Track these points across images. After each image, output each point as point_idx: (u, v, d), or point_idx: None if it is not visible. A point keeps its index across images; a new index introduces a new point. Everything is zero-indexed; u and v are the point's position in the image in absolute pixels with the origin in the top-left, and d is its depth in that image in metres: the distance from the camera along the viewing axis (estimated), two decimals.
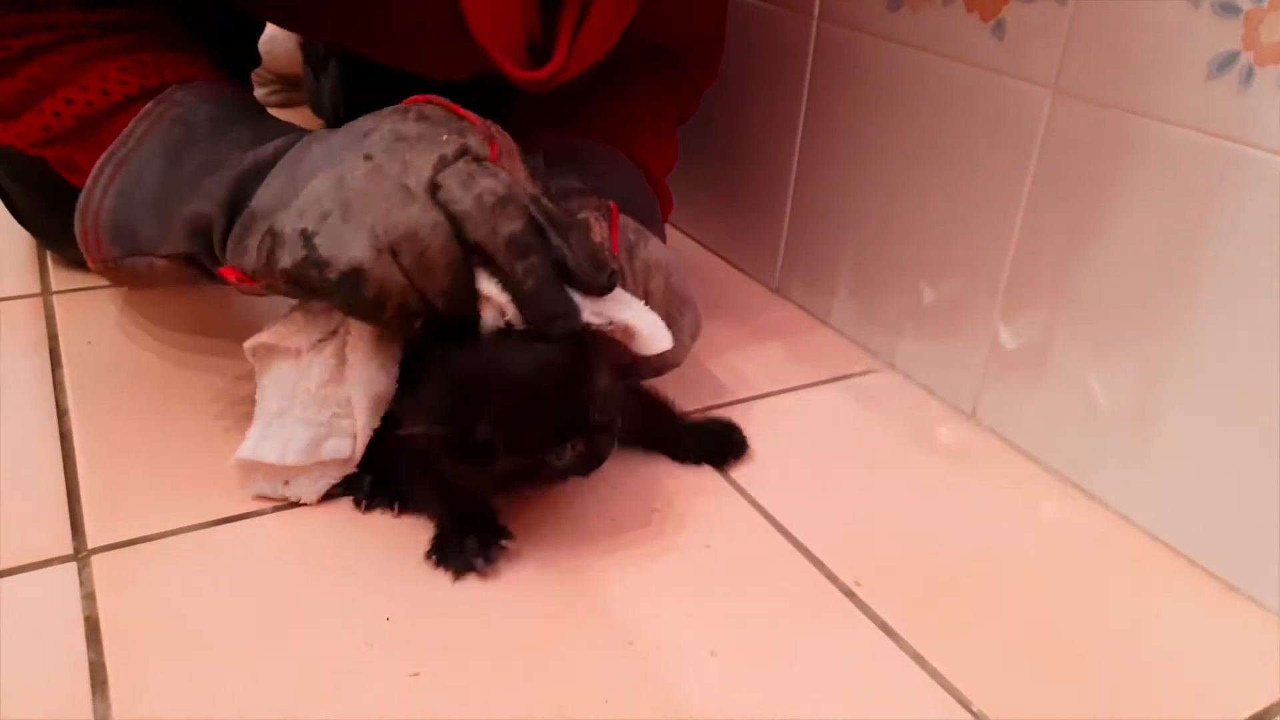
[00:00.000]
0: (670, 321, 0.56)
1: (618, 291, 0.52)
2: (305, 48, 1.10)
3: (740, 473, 0.62)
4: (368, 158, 0.49)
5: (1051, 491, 0.64)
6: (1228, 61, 0.51)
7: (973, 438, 0.68)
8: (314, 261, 0.47)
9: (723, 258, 0.93)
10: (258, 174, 0.52)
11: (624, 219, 0.59)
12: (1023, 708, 0.48)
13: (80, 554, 0.51)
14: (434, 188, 0.47)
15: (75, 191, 0.57)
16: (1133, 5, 0.55)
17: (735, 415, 0.67)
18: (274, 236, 0.49)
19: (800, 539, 0.57)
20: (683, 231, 0.98)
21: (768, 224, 0.86)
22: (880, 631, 0.51)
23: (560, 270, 0.49)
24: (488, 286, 0.49)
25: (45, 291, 0.76)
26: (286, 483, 0.56)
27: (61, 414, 0.62)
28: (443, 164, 0.48)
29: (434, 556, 0.52)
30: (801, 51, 0.78)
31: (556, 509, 0.57)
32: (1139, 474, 0.60)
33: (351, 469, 0.56)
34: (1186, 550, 0.58)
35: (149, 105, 0.56)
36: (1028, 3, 0.60)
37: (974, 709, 0.47)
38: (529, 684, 0.46)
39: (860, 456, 0.66)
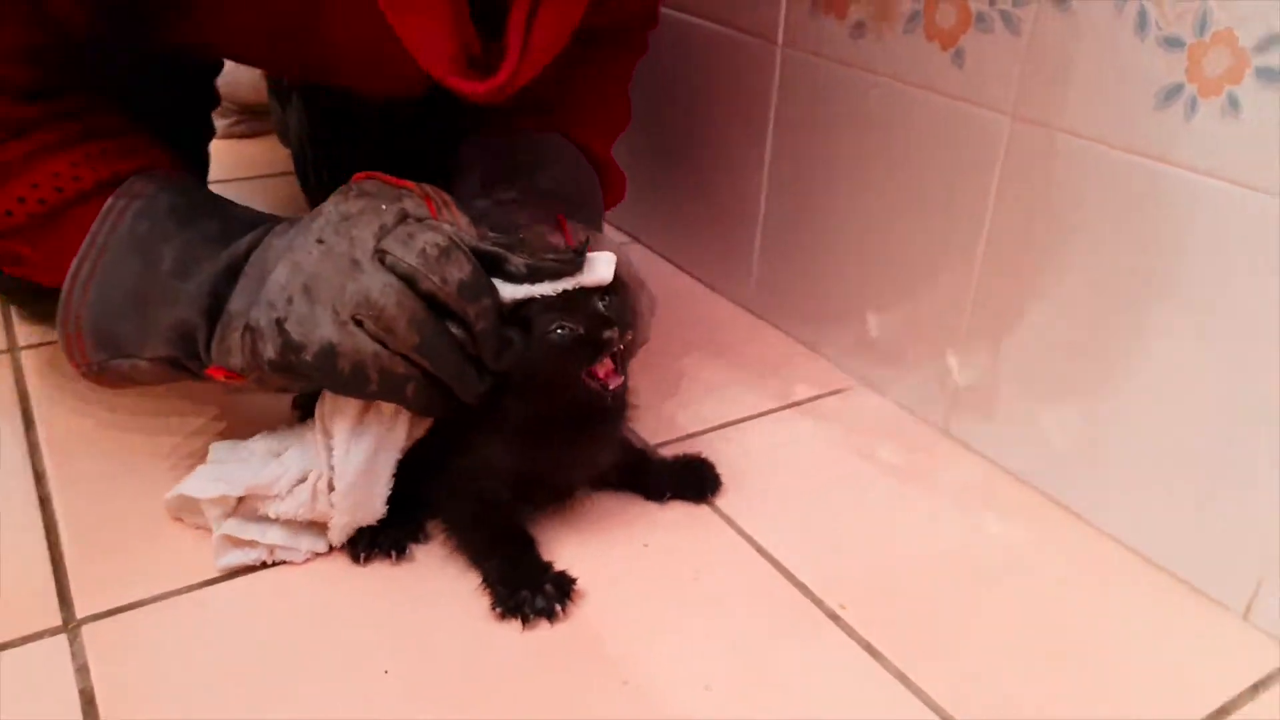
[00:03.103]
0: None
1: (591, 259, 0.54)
2: (270, 78, 1.09)
3: (726, 501, 0.63)
4: (320, 241, 0.51)
5: (1025, 505, 0.65)
6: (1174, 92, 0.53)
7: (947, 455, 0.70)
8: (291, 346, 0.49)
9: (698, 279, 0.94)
10: (232, 274, 0.53)
11: (572, 223, 0.61)
12: (1001, 715, 0.50)
13: (70, 625, 0.51)
14: (380, 254, 0.50)
15: None
16: (1085, 36, 0.56)
17: (716, 440, 0.69)
18: (253, 332, 0.51)
19: (786, 565, 0.58)
20: (658, 254, 0.99)
21: (741, 247, 0.87)
22: (865, 653, 0.53)
23: (535, 275, 0.52)
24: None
25: (12, 347, 0.76)
26: (272, 553, 0.56)
27: (39, 477, 0.62)
28: (384, 231, 0.50)
29: (499, 609, 0.53)
30: (767, 77, 0.79)
31: (549, 550, 0.58)
32: (1105, 485, 0.62)
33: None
34: (1154, 556, 0.60)
35: (110, 201, 0.56)
36: (985, 33, 0.62)
37: None
38: None
39: (840, 478, 0.67)
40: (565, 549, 0.58)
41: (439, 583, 0.56)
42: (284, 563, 0.56)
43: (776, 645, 0.53)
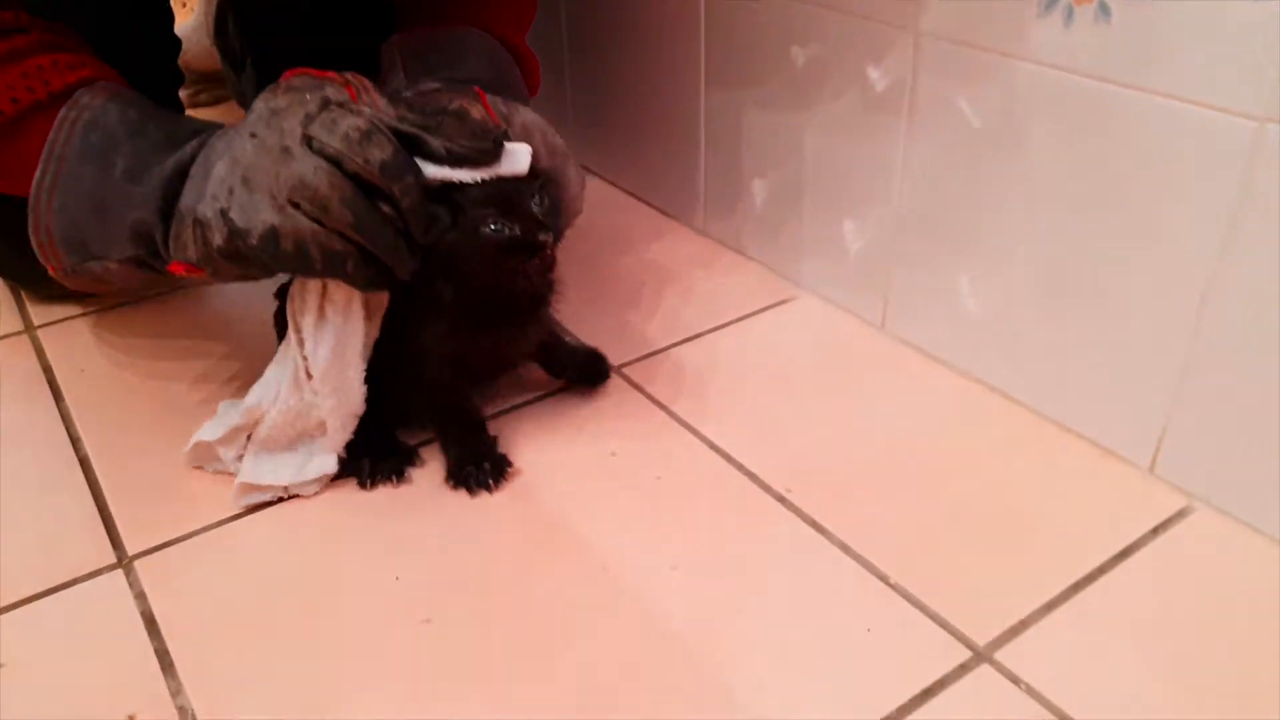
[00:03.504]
0: (559, 174, 0.64)
1: (509, 150, 0.58)
2: (221, 46, 1.13)
3: (683, 410, 0.71)
4: (253, 135, 0.55)
5: (954, 388, 0.73)
6: (1053, 2, 0.59)
7: (884, 349, 0.78)
8: (237, 232, 0.54)
9: (648, 203, 1.00)
10: (181, 175, 0.57)
11: (491, 96, 0.64)
12: (932, 575, 0.58)
13: (124, 561, 0.60)
14: (308, 140, 0.54)
15: None
16: None
17: (674, 356, 0.76)
18: (202, 224, 0.55)
19: (738, 459, 0.67)
20: (607, 180, 1.05)
21: (686, 167, 0.93)
22: (811, 529, 0.61)
23: (453, 159, 0.56)
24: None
25: (29, 328, 0.83)
26: (286, 490, 0.64)
27: (75, 440, 0.69)
28: (309, 119, 0.54)
29: (452, 480, 0.64)
30: (693, 6, 0.84)
31: (529, 461, 0.66)
32: (1019, 360, 0.70)
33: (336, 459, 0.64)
34: (1066, 421, 0.68)
35: (63, 112, 0.60)
36: None
37: (891, 582, 0.57)
38: (524, 615, 0.56)
39: (786, 380, 0.75)
40: (544, 459, 0.67)
41: (434, 499, 0.64)
42: (298, 497, 0.64)
43: (732, 528, 0.62)
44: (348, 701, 0.51)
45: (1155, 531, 0.61)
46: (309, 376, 0.60)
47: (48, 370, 0.77)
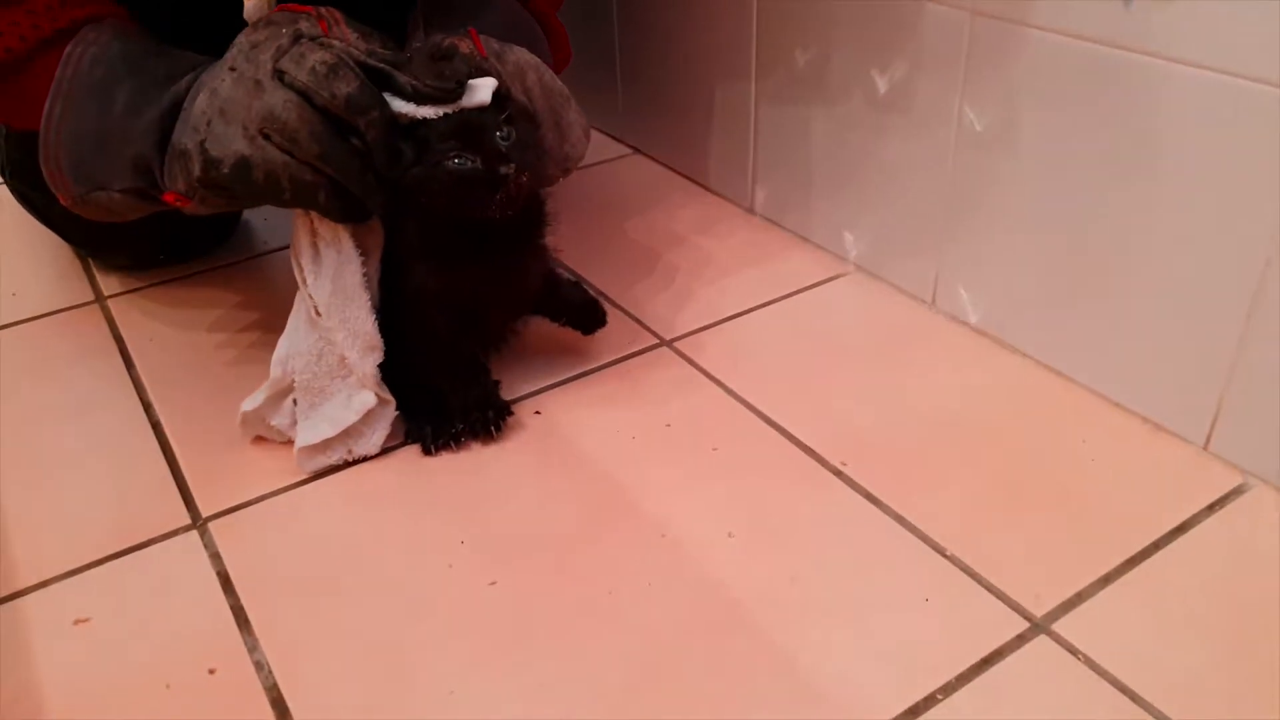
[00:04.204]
0: (556, 116, 0.65)
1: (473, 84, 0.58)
2: None
3: (738, 384, 0.72)
4: (232, 69, 0.57)
5: (1006, 364, 0.74)
6: None
7: (935, 324, 0.78)
8: (211, 162, 0.56)
9: (698, 183, 1.01)
10: (175, 110, 0.59)
11: (484, 36, 0.65)
12: (989, 548, 0.58)
13: (198, 522, 0.62)
14: (279, 74, 0.56)
15: None
16: None
17: (726, 331, 0.77)
18: (184, 155, 0.57)
19: (794, 433, 0.67)
20: (658, 161, 1.05)
21: (736, 146, 0.94)
22: (866, 501, 0.62)
23: (418, 96, 0.57)
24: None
25: (99, 298, 0.85)
26: (350, 450, 0.65)
27: (147, 407, 0.72)
28: (280, 53, 0.56)
29: (449, 431, 0.65)
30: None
31: (586, 430, 0.67)
32: (1073, 339, 0.70)
33: (390, 403, 0.65)
34: (1121, 400, 0.69)
35: (69, 48, 0.62)
36: None
37: (948, 553, 0.58)
38: (584, 578, 0.57)
39: (839, 355, 0.76)
40: (600, 430, 0.68)
41: (497, 463, 0.66)
42: (364, 459, 0.66)
43: (787, 498, 0.63)
44: (416, 659, 0.53)
45: (1211, 508, 0.61)
46: (318, 314, 0.62)
47: (119, 339, 0.79)
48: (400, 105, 0.57)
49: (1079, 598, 0.55)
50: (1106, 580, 0.56)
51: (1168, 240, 0.62)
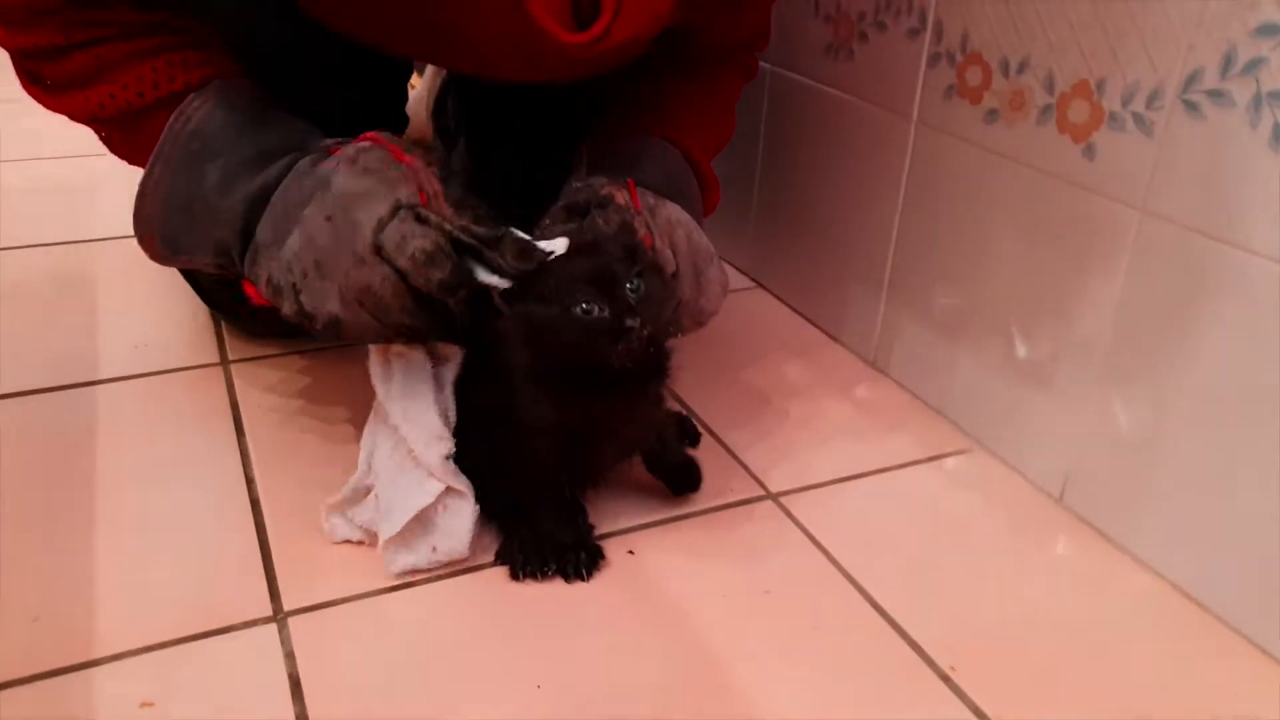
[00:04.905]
0: (698, 273, 0.69)
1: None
2: (437, 121, 1.19)
3: (844, 556, 0.68)
4: (329, 219, 0.60)
5: (1134, 579, 0.68)
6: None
7: (1062, 522, 0.73)
8: (304, 313, 0.62)
9: (820, 328, 0.99)
10: (264, 198, 0.63)
11: (641, 190, 0.69)
12: None
13: (278, 615, 0.61)
14: (378, 248, 0.59)
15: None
16: (1216, 143, 0.59)
17: (836, 493, 0.74)
18: (274, 287, 0.62)
19: (902, 624, 0.63)
20: (787, 304, 1.04)
21: (866, 299, 0.92)
22: (973, 715, 0.57)
23: (500, 271, 0.60)
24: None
25: (224, 361, 0.87)
26: (434, 548, 0.64)
27: (250, 481, 0.72)
28: (380, 226, 0.60)
29: (535, 561, 0.64)
30: (900, 149, 0.84)
31: (679, 578, 0.65)
32: (1209, 566, 0.64)
33: (467, 496, 0.64)
34: (1252, 633, 0.62)
35: (176, 112, 0.65)
36: (1118, 132, 0.65)
37: None
38: None
39: (955, 540, 0.71)
40: (696, 586, 0.65)
41: (590, 602, 0.63)
42: (451, 566, 0.64)
43: (887, 700, 0.58)
44: None
45: None
46: (388, 415, 0.64)
47: (234, 405, 0.81)
48: (488, 278, 0.60)
49: None
50: None
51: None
